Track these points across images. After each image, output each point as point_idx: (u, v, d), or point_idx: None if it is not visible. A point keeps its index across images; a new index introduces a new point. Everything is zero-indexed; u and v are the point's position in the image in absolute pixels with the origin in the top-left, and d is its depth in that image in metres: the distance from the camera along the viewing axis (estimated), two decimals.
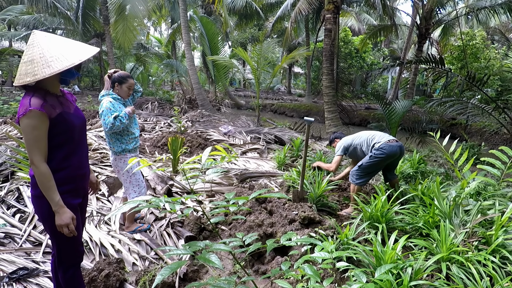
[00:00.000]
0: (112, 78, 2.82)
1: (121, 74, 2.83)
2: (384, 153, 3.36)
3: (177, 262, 0.96)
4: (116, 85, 2.81)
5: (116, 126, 2.65)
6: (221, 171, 1.23)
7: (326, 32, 9.50)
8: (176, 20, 18.64)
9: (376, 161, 3.39)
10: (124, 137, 2.84)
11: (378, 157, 3.37)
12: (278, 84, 32.89)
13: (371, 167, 3.44)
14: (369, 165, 3.42)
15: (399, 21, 20.09)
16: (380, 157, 3.36)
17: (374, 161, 3.39)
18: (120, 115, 2.66)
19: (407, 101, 7.71)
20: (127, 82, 2.82)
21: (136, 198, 1.08)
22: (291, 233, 1.43)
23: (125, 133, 2.84)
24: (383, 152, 3.36)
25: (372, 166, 3.43)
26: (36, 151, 1.54)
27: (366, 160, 3.43)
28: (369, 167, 3.44)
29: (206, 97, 13.06)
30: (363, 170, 3.45)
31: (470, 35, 13.64)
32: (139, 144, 3.06)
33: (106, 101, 2.73)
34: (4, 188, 3.60)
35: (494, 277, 1.91)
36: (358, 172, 3.46)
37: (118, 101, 2.81)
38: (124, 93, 2.85)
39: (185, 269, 2.47)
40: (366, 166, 3.43)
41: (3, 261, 2.45)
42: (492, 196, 2.95)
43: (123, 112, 2.70)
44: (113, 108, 2.70)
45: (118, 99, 2.81)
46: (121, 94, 2.84)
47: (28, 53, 1.51)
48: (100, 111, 2.72)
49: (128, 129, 2.86)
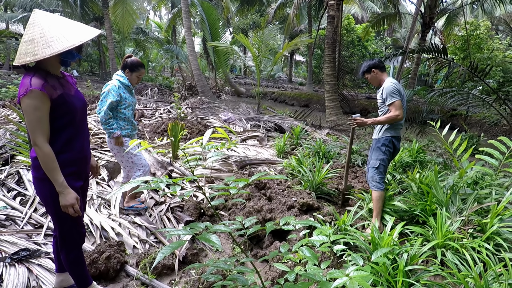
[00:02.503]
0: (125, 63, 2.89)
1: (133, 62, 2.88)
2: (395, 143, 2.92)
3: (178, 241, 0.98)
4: (127, 71, 2.88)
5: (101, 118, 2.78)
6: (222, 155, 1.24)
7: (329, 19, 9.36)
8: (177, 5, 18.33)
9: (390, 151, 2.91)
10: (119, 122, 2.89)
11: (391, 146, 2.89)
12: (279, 72, 32.63)
13: (388, 160, 2.94)
14: (388, 158, 2.90)
15: (403, 9, 19.77)
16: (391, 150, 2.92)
17: (389, 151, 2.89)
18: (112, 128, 2.79)
19: (408, 91, 7.68)
20: (137, 71, 2.88)
21: (139, 178, 1.09)
22: (289, 217, 1.45)
23: (121, 116, 2.90)
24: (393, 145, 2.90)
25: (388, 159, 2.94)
26: (39, 132, 1.54)
27: (383, 149, 2.85)
28: (387, 161, 2.92)
29: (206, 84, 12.97)
30: (383, 168, 2.89)
31: (475, 25, 13.45)
32: (136, 131, 3.11)
33: (112, 83, 2.80)
34: (4, 171, 3.61)
35: (487, 263, 1.95)
36: (378, 173, 2.86)
37: (124, 87, 2.87)
38: (133, 80, 2.92)
39: (184, 252, 2.51)
40: (385, 159, 2.87)
41: (5, 243, 2.48)
42: (489, 186, 2.98)
43: (115, 127, 2.81)
44: (115, 92, 2.77)
45: (125, 85, 2.88)
46: (130, 81, 2.91)
47: (28, 32, 1.49)
48: (103, 91, 2.80)
49: (123, 112, 2.90)
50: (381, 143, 2.88)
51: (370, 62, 2.96)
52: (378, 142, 2.90)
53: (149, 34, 20.21)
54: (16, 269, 2.19)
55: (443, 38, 15.71)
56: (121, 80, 2.86)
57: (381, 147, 2.87)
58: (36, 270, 2.23)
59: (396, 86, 2.77)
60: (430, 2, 11.54)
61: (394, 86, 2.76)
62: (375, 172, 2.86)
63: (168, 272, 2.40)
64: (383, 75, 2.93)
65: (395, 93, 2.74)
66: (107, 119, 2.79)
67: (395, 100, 2.73)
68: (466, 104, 6.58)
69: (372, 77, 2.96)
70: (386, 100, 2.78)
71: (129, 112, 2.95)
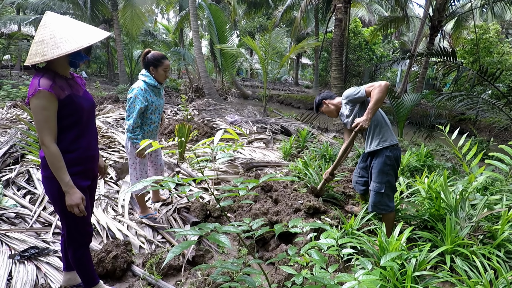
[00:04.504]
0: (146, 61, 2.63)
1: (155, 56, 2.62)
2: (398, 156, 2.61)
3: (187, 241, 0.98)
4: (151, 68, 2.64)
5: (129, 126, 2.61)
6: (230, 157, 1.24)
7: (336, 22, 9.35)
8: (184, 7, 18.48)
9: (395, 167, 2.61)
10: (143, 127, 2.76)
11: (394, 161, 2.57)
12: (286, 75, 32.64)
13: (394, 178, 2.64)
14: (393, 177, 2.61)
15: (411, 12, 19.65)
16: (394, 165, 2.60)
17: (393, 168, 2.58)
18: (137, 138, 2.62)
19: (415, 95, 7.62)
20: (162, 65, 2.63)
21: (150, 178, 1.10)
22: (297, 219, 1.44)
23: (147, 122, 2.76)
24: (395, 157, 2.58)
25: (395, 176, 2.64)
26: (46, 131, 1.56)
27: (386, 169, 2.54)
28: (393, 180, 2.61)
29: (213, 86, 13.03)
30: (391, 189, 2.59)
31: (484, 29, 13.31)
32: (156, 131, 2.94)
33: (138, 86, 2.60)
34: (15, 170, 3.67)
35: (498, 270, 1.92)
36: (385, 196, 2.56)
37: (150, 89, 2.66)
38: (161, 77, 2.67)
39: (193, 252, 2.52)
40: (390, 180, 2.57)
41: (15, 240, 2.52)
42: (499, 191, 2.94)
43: (140, 138, 2.63)
44: (142, 98, 2.57)
45: (152, 86, 2.67)
46: (158, 78, 2.67)
47: (39, 34, 1.53)
48: (129, 96, 2.61)
49: (150, 117, 2.75)
50: (381, 163, 2.54)
51: (318, 97, 2.89)
52: (377, 163, 2.58)
53: (157, 36, 20.42)
54: (25, 267, 2.22)
55: (451, 41, 15.56)
56: (146, 80, 2.63)
57: (383, 169, 2.53)
58: (45, 268, 2.25)
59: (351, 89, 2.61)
60: (439, 6, 11.45)
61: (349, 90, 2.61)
62: (381, 196, 2.53)
63: (174, 272, 2.40)
64: (335, 100, 2.81)
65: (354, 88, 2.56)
66: (135, 128, 2.60)
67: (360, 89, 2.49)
68: (475, 109, 6.49)
69: (326, 108, 2.85)
70: (357, 95, 2.53)
71: (156, 117, 2.77)
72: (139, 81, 2.66)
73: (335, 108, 2.80)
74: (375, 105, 2.38)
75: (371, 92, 2.41)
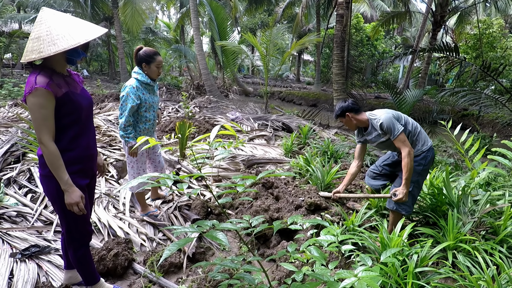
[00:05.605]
0: (138, 58, 2.61)
1: (147, 52, 2.60)
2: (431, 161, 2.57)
3: (185, 238, 0.98)
4: (144, 65, 2.62)
5: (121, 124, 2.59)
6: (229, 154, 1.23)
7: (337, 18, 9.27)
8: (185, 4, 18.43)
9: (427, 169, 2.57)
10: (139, 125, 2.73)
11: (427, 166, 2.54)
12: (287, 71, 32.52)
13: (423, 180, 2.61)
14: (424, 179, 2.59)
15: (414, 7, 19.46)
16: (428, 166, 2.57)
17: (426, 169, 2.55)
18: (129, 137, 2.60)
19: (418, 91, 7.56)
20: (155, 61, 2.61)
21: (147, 174, 1.09)
22: (297, 215, 1.43)
23: (142, 120, 2.73)
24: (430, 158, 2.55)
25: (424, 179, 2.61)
26: (44, 130, 1.54)
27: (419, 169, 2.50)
28: (422, 182, 2.59)
29: (214, 83, 12.99)
30: (417, 190, 2.57)
31: (487, 24, 13.17)
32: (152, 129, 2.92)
33: (129, 84, 2.58)
34: (16, 169, 3.67)
35: (501, 265, 1.90)
36: (410, 196, 2.50)
37: (143, 86, 2.64)
38: (153, 73, 2.65)
39: (194, 249, 2.52)
40: (420, 180, 2.55)
41: (16, 238, 2.52)
42: (502, 187, 2.91)
43: (131, 137, 2.62)
44: (134, 96, 2.55)
45: (144, 83, 2.64)
46: (150, 75, 2.65)
47: (35, 30, 1.50)
48: (121, 94, 2.60)
49: (144, 115, 2.72)
50: (416, 162, 2.50)
51: (343, 105, 2.60)
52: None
53: (157, 33, 20.36)
54: (27, 265, 2.23)
55: (454, 36, 15.43)
56: (138, 78, 2.61)
57: (416, 168, 2.49)
58: (46, 267, 2.26)
59: (394, 114, 2.48)
60: (442, 0, 11.34)
61: (392, 115, 2.46)
62: (407, 195, 2.44)
63: (175, 270, 2.40)
64: (359, 116, 2.58)
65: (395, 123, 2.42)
66: (126, 126, 2.58)
67: (398, 132, 2.40)
68: (478, 104, 6.44)
69: (347, 120, 2.62)
70: (392, 134, 2.42)
71: (151, 114, 2.75)
72: (132, 79, 2.64)
73: (357, 123, 2.62)
74: (410, 175, 2.38)
75: (401, 153, 2.39)
